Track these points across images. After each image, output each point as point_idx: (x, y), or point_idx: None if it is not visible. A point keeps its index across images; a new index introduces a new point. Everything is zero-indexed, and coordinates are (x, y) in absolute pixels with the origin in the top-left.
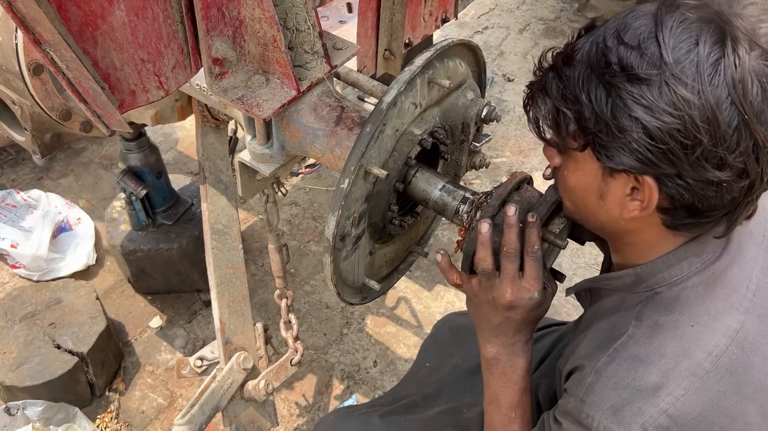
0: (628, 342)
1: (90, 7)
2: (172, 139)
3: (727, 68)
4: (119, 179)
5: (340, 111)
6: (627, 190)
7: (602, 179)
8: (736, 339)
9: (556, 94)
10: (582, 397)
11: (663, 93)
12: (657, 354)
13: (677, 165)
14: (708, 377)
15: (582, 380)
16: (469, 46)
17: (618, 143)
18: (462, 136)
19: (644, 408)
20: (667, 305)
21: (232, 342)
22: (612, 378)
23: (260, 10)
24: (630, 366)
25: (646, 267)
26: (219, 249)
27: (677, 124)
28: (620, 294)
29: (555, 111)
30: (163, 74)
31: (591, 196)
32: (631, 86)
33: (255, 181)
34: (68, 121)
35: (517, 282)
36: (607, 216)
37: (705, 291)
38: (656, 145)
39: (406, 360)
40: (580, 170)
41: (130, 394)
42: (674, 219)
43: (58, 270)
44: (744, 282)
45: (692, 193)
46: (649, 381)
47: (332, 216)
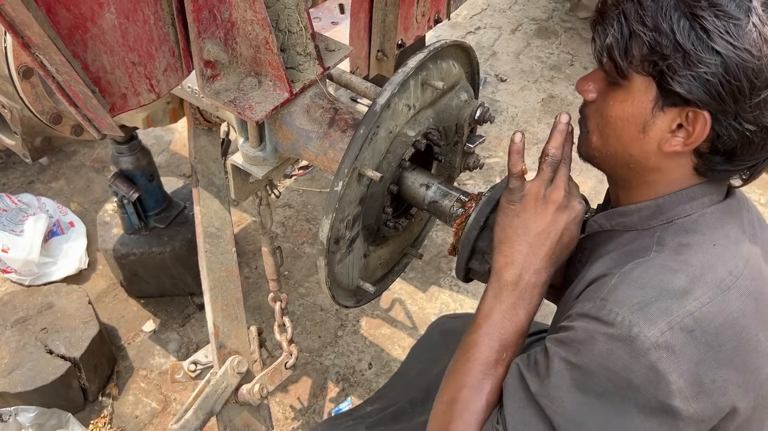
0: (653, 258)
1: (80, 10)
2: (165, 142)
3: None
4: (111, 182)
5: (333, 113)
6: (673, 126)
7: (651, 111)
8: (749, 266)
9: (635, 19)
10: (604, 296)
11: (747, 33)
12: (685, 263)
13: (740, 104)
14: (730, 293)
15: (603, 285)
16: (462, 47)
17: (693, 71)
18: (456, 137)
19: (672, 307)
20: (688, 228)
21: (226, 345)
22: (640, 279)
23: (252, 11)
24: (658, 271)
25: (669, 198)
26: (212, 252)
27: (755, 63)
28: (629, 234)
29: (629, 34)
30: (155, 77)
31: (632, 127)
32: (718, 21)
33: (248, 183)
34: (59, 124)
35: (571, 185)
36: (640, 150)
37: (723, 217)
38: (729, 80)
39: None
40: (630, 101)
41: (124, 399)
42: (708, 164)
43: (49, 274)
44: (746, 217)
45: (741, 136)
46: (678, 284)
47: (326, 219)
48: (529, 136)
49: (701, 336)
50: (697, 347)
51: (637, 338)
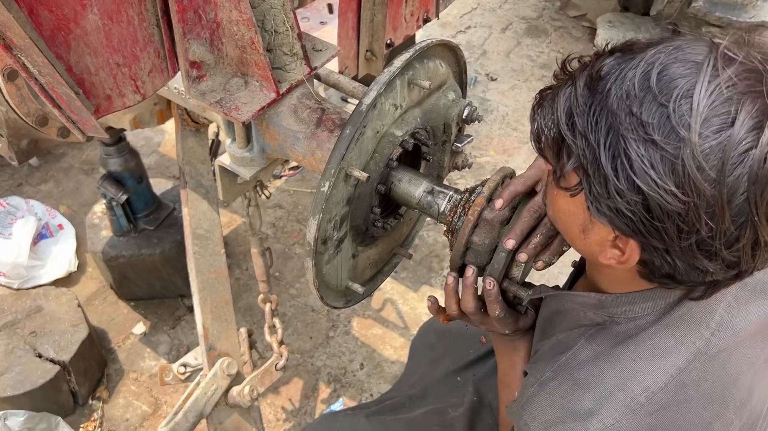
0: (572, 359)
1: (62, 12)
2: (154, 143)
3: (754, 161)
4: (99, 184)
5: (320, 113)
6: (610, 237)
7: (589, 217)
8: (678, 378)
9: (566, 120)
10: (523, 404)
11: (676, 171)
12: (595, 381)
13: (667, 243)
14: (641, 411)
15: (526, 388)
16: (449, 46)
17: (612, 202)
18: (444, 136)
19: (574, 429)
20: (616, 337)
21: (216, 347)
22: (551, 394)
23: (237, 12)
24: (568, 387)
25: (610, 299)
26: (201, 254)
27: (681, 208)
28: (582, 310)
29: (560, 136)
30: (140, 78)
31: (574, 225)
32: (644, 149)
33: (236, 184)
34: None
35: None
36: (585, 249)
37: (657, 329)
38: (651, 220)
39: (393, 362)
40: (570, 199)
41: (114, 402)
42: (650, 275)
43: (38, 277)
44: (705, 320)
45: (674, 269)
46: (583, 406)
47: (313, 220)
48: (519, 134)
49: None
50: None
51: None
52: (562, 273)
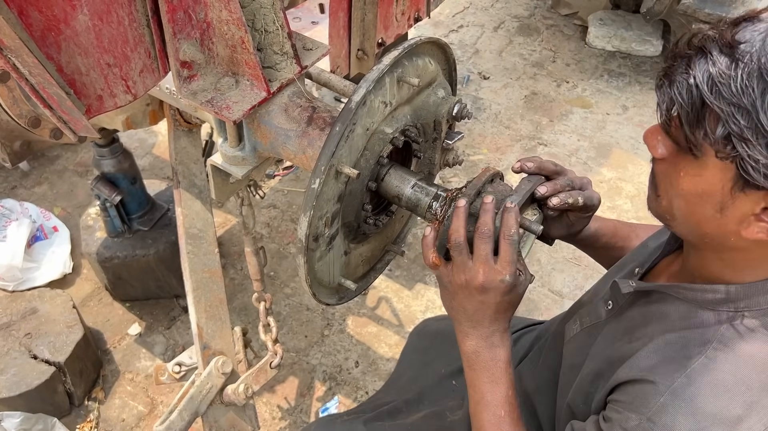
0: (708, 365)
1: (52, 12)
2: (148, 144)
3: None
4: (93, 186)
5: (311, 111)
6: (757, 209)
7: (729, 192)
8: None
9: (708, 88)
10: (651, 417)
11: None
12: (743, 384)
13: None
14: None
15: (651, 398)
16: (438, 44)
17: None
18: (434, 134)
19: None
20: (757, 335)
21: (210, 346)
22: (691, 402)
23: (227, 11)
24: (713, 392)
25: (741, 289)
26: (194, 253)
27: None
28: (687, 304)
29: (701, 106)
30: (131, 78)
31: (707, 206)
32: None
33: (228, 183)
34: (37, 128)
35: (490, 264)
36: (718, 230)
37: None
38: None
39: (388, 360)
40: (703, 176)
41: (110, 403)
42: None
43: (33, 279)
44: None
45: None
46: (732, 412)
47: (304, 217)
48: (512, 132)
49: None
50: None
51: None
52: (555, 269)
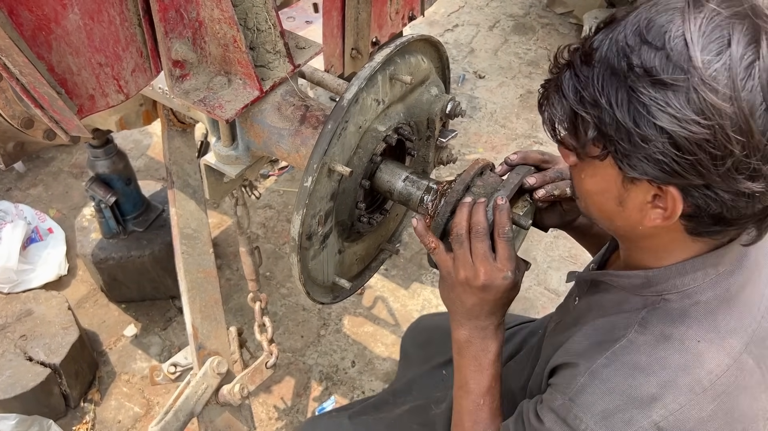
0: (628, 347)
1: (42, 11)
2: (143, 145)
3: (762, 71)
4: (88, 187)
5: (304, 110)
6: (649, 197)
7: (622, 185)
8: (739, 360)
9: (573, 96)
10: (572, 397)
11: (691, 100)
12: (658, 365)
13: (706, 176)
14: (705, 395)
15: (573, 378)
16: (430, 41)
17: (641, 153)
18: (428, 132)
19: (636, 417)
20: (676, 317)
21: (206, 347)
22: (607, 382)
23: (219, 10)
24: (628, 372)
25: (659, 272)
26: (189, 253)
27: (707, 134)
28: (623, 292)
29: (572, 114)
30: (123, 78)
31: (609, 201)
32: (655, 92)
33: (222, 183)
34: (30, 129)
35: (490, 262)
36: (625, 222)
37: (717, 307)
38: (683, 156)
39: (384, 359)
40: (599, 176)
41: (106, 404)
42: (698, 226)
43: (29, 281)
44: (756, 302)
45: (721, 204)
46: (647, 391)
47: (297, 215)
48: (508, 131)
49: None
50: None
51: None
52: (551, 267)
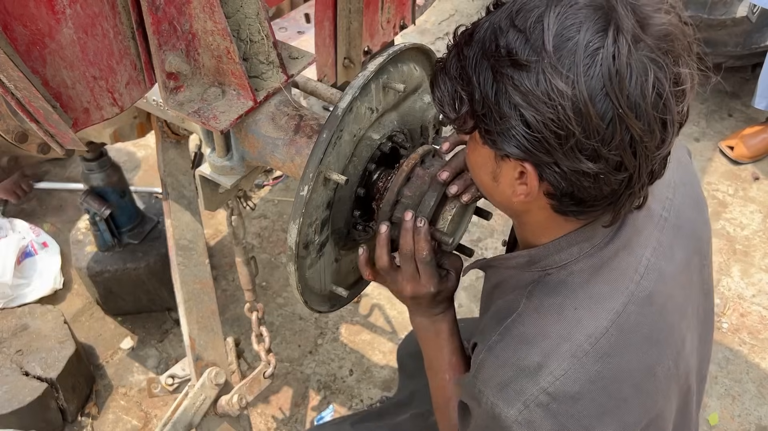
0: (516, 320)
1: (36, 26)
2: (137, 158)
3: (604, 59)
4: (82, 200)
5: (298, 119)
6: (516, 174)
7: (495, 161)
8: (617, 322)
9: (454, 74)
10: (475, 373)
11: (539, 81)
12: (541, 335)
13: (553, 154)
14: (587, 358)
15: (477, 356)
16: (422, 50)
17: (500, 128)
18: (421, 139)
19: (526, 386)
20: (553, 288)
21: (203, 358)
22: (500, 356)
23: (212, 22)
24: (516, 346)
25: (539, 250)
26: (185, 265)
27: (551, 113)
28: (515, 271)
29: (453, 90)
30: (117, 91)
31: (486, 176)
32: (512, 72)
33: (217, 194)
34: (25, 143)
35: (416, 280)
36: (501, 197)
37: (591, 276)
38: (532, 133)
39: (382, 367)
40: (477, 150)
41: (103, 418)
42: (561, 205)
43: (24, 296)
44: (633, 265)
45: (569, 182)
46: (532, 361)
47: (294, 224)
48: None
49: (558, 408)
50: (556, 418)
51: (500, 417)
52: None
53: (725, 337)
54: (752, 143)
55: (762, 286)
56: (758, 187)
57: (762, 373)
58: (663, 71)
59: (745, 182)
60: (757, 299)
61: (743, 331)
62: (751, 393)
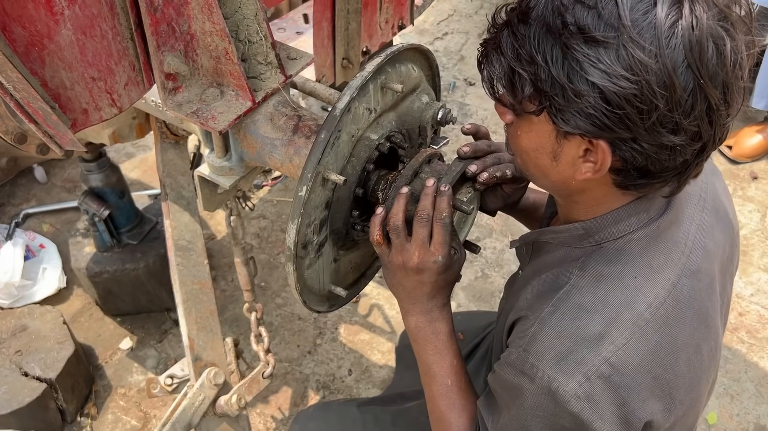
0: (571, 291)
1: (35, 27)
2: (136, 158)
3: (684, 30)
4: (81, 201)
5: (297, 120)
6: (580, 152)
7: (556, 140)
8: (673, 292)
9: (511, 54)
10: (526, 347)
11: (620, 56)
12: (601, 303)
13: (633, 130)
14: (648, 327)
15: (525, 330)
16: (420, 50)
17: (574, 107)
18: (420, 139)
19: (587, 356)
20: (611, 256)
21: (202, 358)
22: (556, 326)
23: (210, 23)
24: (574, 314)
25: (595, 222)
26: (184, 265)
27: (634, 89)
28: (564, 248)
29: (510, 71)
30: (116, 91)
31: (544, 156)
32: (587, 48)
33: (216, 194)
34: (24, 144)
35: (425, 247)
36: (559, 177)
37: (648, 245)
38: (612, 110)
39: (381, 367)
40: (534, 131)
41: (103, 418)
42: (626, 179)
43: (31, 295)
44: (683, 239)
45: (646, 157)
46: (593, 330)
47: (292, 225)
48: (499, 137)
49: (619, 380)
50: (617, 391)
51: (557, 392)
52: None
53: (724, 336)
54: (751, 142)
55: (760, 285)
56: (756, 186)
57: (760, 372)
58: (733, 39)
59: (744, 181)
60: (755, 298)
61: (742, 330)
62: (750, 392)
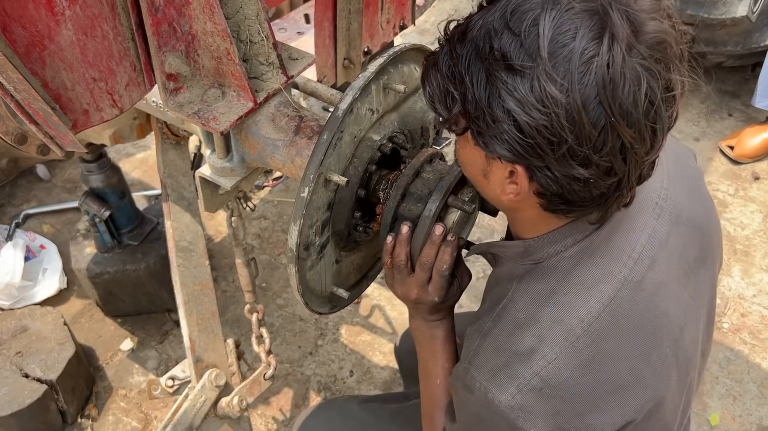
0: (508, 305)
1: (36, 28)
2: (137, 159)
3: (599, 67)
4: (81, 201)
5: (298, 121)
6: (506, 173)
7: (485, 160)
8: (609, 306)
9: (446, 72)
10: (470, 360)
11: (533, 88)
12: (533, 320)
13: (545, 159)
14: (578, 342)
15: (471, 344)
16: (422, 50)
17: (492, 132)
18: (422, 139)
19: (519, 370)
20: (544, 274)
21: (203, 359)
22: (494, 341)
23: (212, 23)
24: (510, 330)
25: (534, 242)
26: (185, 266)
27: (544, 120)
28: (510, 264)
29: (444, 89)
30: (117, 92)
31: (477, 173)
32: (506, 76)
33: (217, 195)
34: (24, 144)
35: (424, 287)
36: (491, 194)
37: (580, 261)
38: (525, 138)
39: (383, 368)
40: (468, 148)
41: (103, 419)
42: (550, 204)
43: (32, 296)
44: (626, 251)
45: (560, 185)
46: (525, 344)
47: (294, 226)
48: None
49: (551, 392)
50: (549, 402)
51: (493, 402)
52: None
53: (726, 337)
54: (752, 143)
55: (763, 286)
56: (758, 187)
57: (763, 373)
58: (655, 79)
59: (746, 182)
60: (757, 299)
61: (744, 331)
62: (752, 394)
